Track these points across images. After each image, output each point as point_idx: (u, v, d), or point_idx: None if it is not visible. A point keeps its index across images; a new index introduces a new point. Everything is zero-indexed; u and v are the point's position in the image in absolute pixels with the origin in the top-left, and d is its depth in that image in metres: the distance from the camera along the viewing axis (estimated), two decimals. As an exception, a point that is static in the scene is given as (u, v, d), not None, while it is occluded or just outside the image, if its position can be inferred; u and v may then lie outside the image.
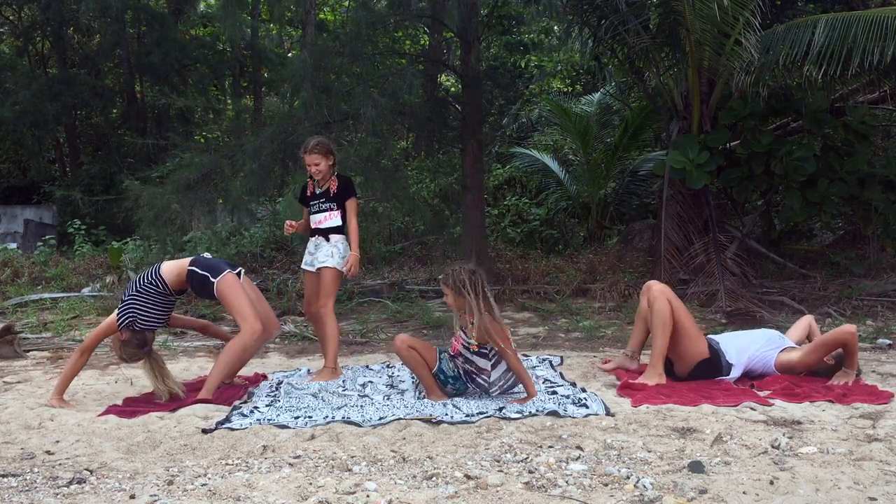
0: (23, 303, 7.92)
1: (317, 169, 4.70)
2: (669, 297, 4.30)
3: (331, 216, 4.74)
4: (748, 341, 4.43)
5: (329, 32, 13.26)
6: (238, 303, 4.13)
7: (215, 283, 4.13)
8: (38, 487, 2.75)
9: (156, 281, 4.18)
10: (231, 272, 4.20)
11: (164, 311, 4.24)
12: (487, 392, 3.99)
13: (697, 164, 7.41)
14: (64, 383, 4.11)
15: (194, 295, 4.49)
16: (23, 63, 15.77)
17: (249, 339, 4.11)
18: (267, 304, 4.62)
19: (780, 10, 8.12)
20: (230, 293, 4.13)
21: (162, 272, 4.20)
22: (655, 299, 4.29)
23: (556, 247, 10.87)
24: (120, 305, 4.21)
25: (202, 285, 4.16)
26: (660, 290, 4.32)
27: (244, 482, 2.71)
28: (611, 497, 2.54)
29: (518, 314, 7.27)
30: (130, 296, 4.18)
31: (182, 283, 4.22)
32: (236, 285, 4.17)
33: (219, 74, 16.79)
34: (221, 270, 4.17)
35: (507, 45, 14.71)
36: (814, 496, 2.51)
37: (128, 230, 10.21)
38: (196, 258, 4.34)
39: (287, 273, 8.67)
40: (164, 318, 4.27)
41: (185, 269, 4.20)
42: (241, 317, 4.13)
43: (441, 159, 11.62)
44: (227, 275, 4.16)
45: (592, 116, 11.97)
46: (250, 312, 4.12)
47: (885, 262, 8.26)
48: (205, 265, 4.22)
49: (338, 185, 4.76)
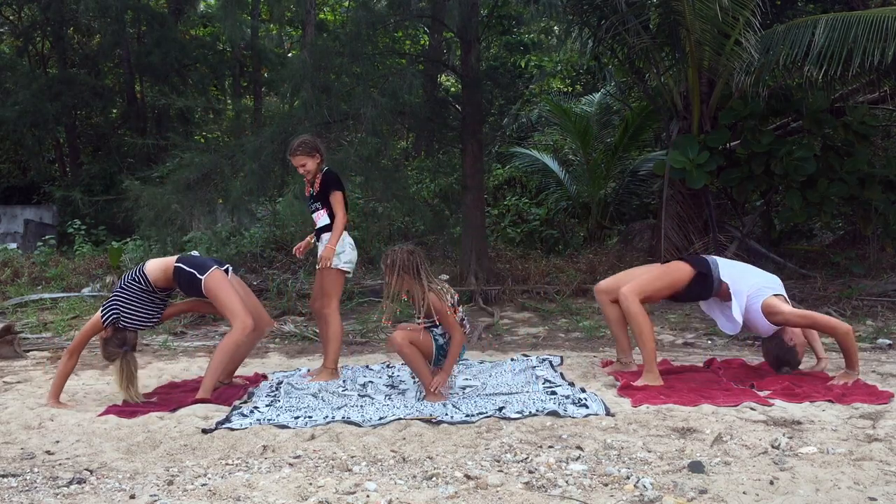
0: (23, 303, 7.93)
1: (304, 170, 4.68)
2: (637, 293, 4.28)
3: (320, 215, 4.69)
4: (751, 272, 4.45)
5: (329, 32, 13.26)
6: (227, 298, 4.10)
7: (203, 280, 4.10)
8: (38, 487, 2.75)
9: (139, 278, 4.16)
10: (219, 268, 4.19)
11: (149, 311, 4.19)
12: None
13: (697, 164, 7.41)
14: (58, 385, 4.10)
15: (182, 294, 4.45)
16: (23, 63, 15.77)
17: (241, 336, 4.08)
18: (257, 300, 4.58)
19: (780, 10, 8.12)
20: (218, 289, 4.10)
21: (146, 269, 4.18)
22: (628, 307, 4.26)
23: (556, 247, 10.87)
24: (104, 303, 4.21)
25: (189, 283, 4.14)
26: (625, 294, 4.28)
27: (244, 482, 2.71)
28: (611, 497, 2.54)
29: (518, 314, 7.27)
30: (114, 293, 4.18)
31: (168, 281, 4.19)
32: (224, 281, 4.14)
33: (219, 74, 16.78)
34: (208, 267, 4.15)
35: (507, 45, 14.70)
36: (814, 496, 2.51)
37: (128, 230, 10.22)
38: (182, 256, 4.32)
39: (287, 273, 8.66)
40: (149, 318, 4.21)
41: (172, 267, 4.17)
42: (230, 313, 4.10)
43: (441, 159, 11.62)
44: (214, 271, 4.14)
45: (592, 116, 11.97)
46: (240, 308, 4.09)
47: (885, 262, 8.25)
48: (191, 263, 4.20)
49: (321, 182, 4.70)
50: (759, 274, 4.47)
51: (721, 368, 4.63)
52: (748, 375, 4.42)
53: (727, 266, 4.44)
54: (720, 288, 4.37)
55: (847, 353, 4.22)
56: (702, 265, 4.39)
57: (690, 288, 4.40)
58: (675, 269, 4.41)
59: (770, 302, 4.26)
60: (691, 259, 4.55)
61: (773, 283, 4.41)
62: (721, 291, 4.38)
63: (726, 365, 4.75)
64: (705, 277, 4.35)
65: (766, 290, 4.32)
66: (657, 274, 4.41)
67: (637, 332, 4.26)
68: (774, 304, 4.25)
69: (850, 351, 4.20)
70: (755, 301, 4.29)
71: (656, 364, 4.26)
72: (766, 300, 4.27)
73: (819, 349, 4.73)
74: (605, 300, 4.62)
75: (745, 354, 5.33)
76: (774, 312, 4.24)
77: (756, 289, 4.32)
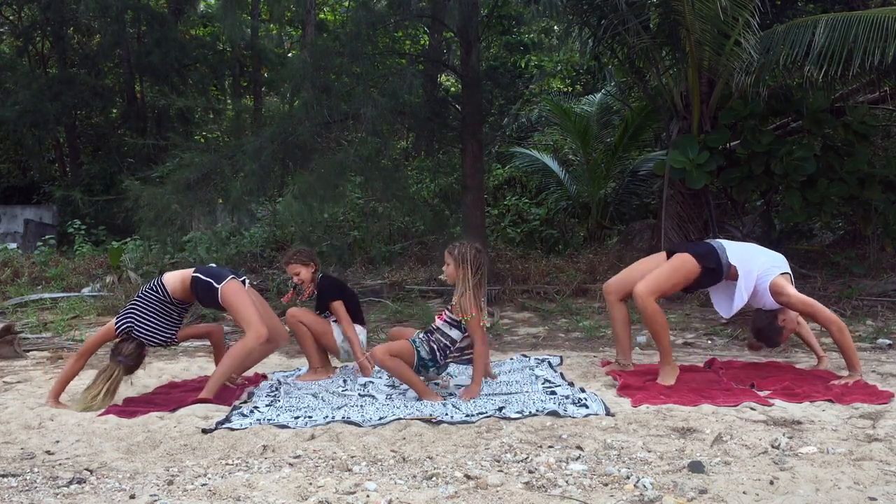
0: (23, 303, 7.93)
1: (298, 278, 4.74)
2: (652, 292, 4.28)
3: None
4: (758, 251, 4.48)
5: (329, 32, 13.27)
6: (243, 308, 4.09)
7: (220, 289, 4.10)
8: (38, 487, 2.75)
9: (157, 287, 4.17)
10: (235, 279, 4.20)
11: (164, 325, 4.17)
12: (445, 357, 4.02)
13: (697, 164, 7.41)
14: (60, 386, 4.10)
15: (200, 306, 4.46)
16: (23, 63, 15.79)
17: (254, 344, 4.07)
18: (274, 314, 4.59)
19: (780, 10, 8.11)
20: (235, 299, 4.10)
21: (164, 279, 4.20)
22: (645, 307, 4.26)
23: (556, 247, 10.87)
24: (120, 311, 4.21)
25: (207, 292, 4.13)
26: (641, 294, 4.28)
27: (244, 482, 2.71)
28: (611, 497, 2.54)
29: (518, 314, 7.27)
30: (132, 302, 4.18)
31: (186, 292, 4.18)
32: (241, 291, 4.15)
33: (219, 74, 16.80)
34: (225, 277, 4.16)
35: (507, 45, 14.71)
36: (814, 496, 2.51)
37: (128, 230, 10.22)
38: (200, 266, 4.35)
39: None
40: (164, 332, 4.18)
41: (189, 277, 4.18)
42: (245, 322, 4.08)
43: (441, 159, 11.62)
44: (231, 281, 4.14)
45: (592, 116, 11.97)
46: (256, 318, 4.08)
47: (885, 262, 8.25)
48: (208, 272, 4.21)
49: (318, 290, 4.78)
50: (766, 252, 4.51)
51: (722, 368, 4.63)
52: (748, 375, 4.42)
53: (734, 248, 4.45)
54: (729, 272, 4.39)
55: (844, 352, 4.22)
56: (708, 258, 4.38)
57: (700, 281, 4.42)
58: (684, 265, 4.38)
59: (778, 281, 4.31)
60: (696, 249, 4.49)
61: (779, 262, 4.45)
62: (730, 274, 4.41)
63: (727, 365, 4.75)
64: (713, 272, 4.37)
65: (774, 270, 4.37)
66: (668, 272, 4.39)
67: (654, 330, 4.27)
68: (782, 285, 4.30)
69: (847, 349, 4.21)
70: (764, 280, 4.34)
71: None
72: (775, 279, 4.32)
73: (817, 348, 4.74)
74: (613, 300, 4.63)
75: (745, 354, 5.33)
76: (780, 293, 4.29)
77: (765, 268, 4.37)
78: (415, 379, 3.99)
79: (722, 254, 4.37)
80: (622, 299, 4.61)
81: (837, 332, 4.20)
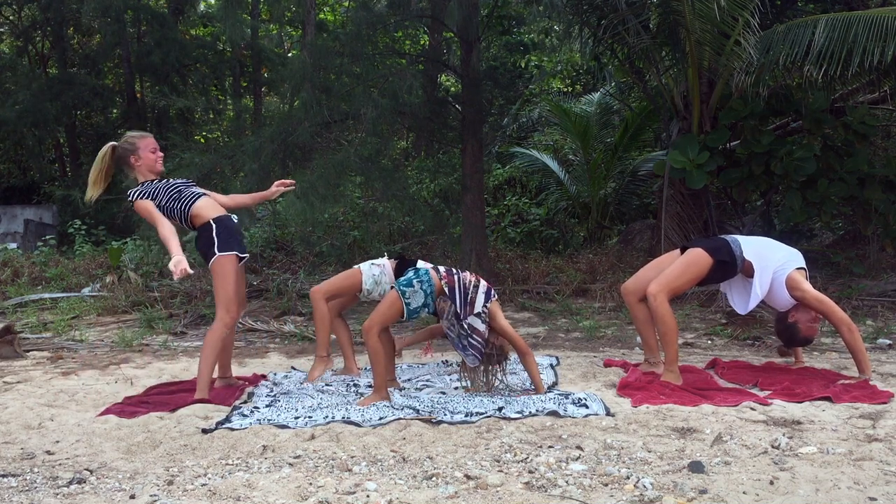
0: (23, 303, 7.93)
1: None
2: (665, 292, 4.28)
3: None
4: (774, 246, 4.47)
5: (329, 32, 13.28)
6: (223, 287, 4.04)
7: (216, 257, 4.03)
8: (38, 487, 2.75)
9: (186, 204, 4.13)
10: (236, 255, 4.09)
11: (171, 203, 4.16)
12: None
13: (697, 164, 7.42)
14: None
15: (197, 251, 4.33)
16: (23, 63, 15.79)
17: (222, 330, 4.05)
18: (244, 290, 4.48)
19: (780, 10, 8.12)
20: (222, 275, 4.03)
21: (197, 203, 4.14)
22: (656, 308, 4.26)
23: (556, 247, 10.87)
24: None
25: (206, 246, 4.06)
26: (654, 294, 4.28)
27: (244, 482, 2.71)
28: (611, 497, 2.54)
29: (518, 314, 7.27)
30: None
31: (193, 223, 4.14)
32: (232, 272, 4.06)
33: (219, 74, 16.79)
34: (230, 249, 4.05)
35: (507, 45, 14.70)
36: (814, 496, 2.51)
37: (128, 230, 10.22)
38: (223, 218, 4.16)
39: (287, 273, 8.67)
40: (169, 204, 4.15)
41: (208, 218, 4.10)
42: (221, 303, 4.04)
43: (441, 159, 11.62)
44: (229, 255, 4.04)
45: (592, 116, 11.97)
46: (230, 301, 4.03)
47: (885, 262, 8.25)
48: (224, 231, 4.09)
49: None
50: (783, 248, 4.50)
51: (723, 369, 4.63)
52: (749, 375, 4.42)
53: (750, 243, 4.44)
54: (744, 266, 4.39)
55: (855, 354, 4.22)
56: (721, 251, 4.38)
57: (713, 274, 4.42)
58: (696, 261, 4.38)
59: (794, 276, 4.32)
60: (709, 244, 4.49)
61: (796, 257, 4.45)
62: (745, 269, 4.40)
63: (728, 365, 4.75)
64: (726, 265, 4.37)
65: (790, 264, 4.37)
66: (681, 270, 4.38)
67: (663, 331, 4.28)
68: (798, 280, 4.31)
69: (857, 351, 4.20)
70: (780, 275, 4.34)
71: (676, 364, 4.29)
72: (791, 274, 4.33)
73: (799, 354, 4.77)
74: (632, 300, 4.63)
75: (745, 355, 5.33)
76: (796, 288, 4.29)
77: (781, 263, 4.37)
78: (381, 371, 3.95)
79: (736, 248, 4.37)
80: (641, 299, 4.59)
81: (848, 334, 4.19)
